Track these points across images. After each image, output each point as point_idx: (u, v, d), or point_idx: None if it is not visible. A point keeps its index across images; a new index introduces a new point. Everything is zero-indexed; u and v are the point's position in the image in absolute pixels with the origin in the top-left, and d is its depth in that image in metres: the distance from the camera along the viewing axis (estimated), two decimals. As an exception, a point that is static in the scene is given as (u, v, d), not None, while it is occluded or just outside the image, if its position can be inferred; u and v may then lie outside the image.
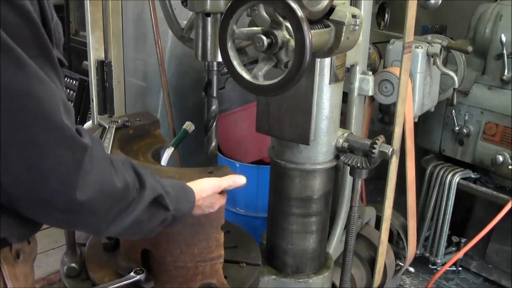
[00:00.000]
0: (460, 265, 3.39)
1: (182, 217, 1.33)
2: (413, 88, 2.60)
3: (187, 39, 2.00)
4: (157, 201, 1.22)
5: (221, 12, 1.59)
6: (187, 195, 1.36)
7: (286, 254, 2.12)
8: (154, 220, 1.24)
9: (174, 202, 1.26)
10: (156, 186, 1.21)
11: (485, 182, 3.16)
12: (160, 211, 1.23)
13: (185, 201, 1.34)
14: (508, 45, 2.88)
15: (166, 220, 1.27)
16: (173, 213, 1.26)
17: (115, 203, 1.11)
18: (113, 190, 1.09)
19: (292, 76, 1.36)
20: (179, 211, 1.29)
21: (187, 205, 1.34)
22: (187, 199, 1.35)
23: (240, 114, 2.85)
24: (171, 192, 1.26)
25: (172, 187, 1.29)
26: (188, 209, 1.35)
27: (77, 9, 4.53)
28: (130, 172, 1.16)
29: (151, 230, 1.26)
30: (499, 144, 2.95)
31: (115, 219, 1.13)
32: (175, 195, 1.27)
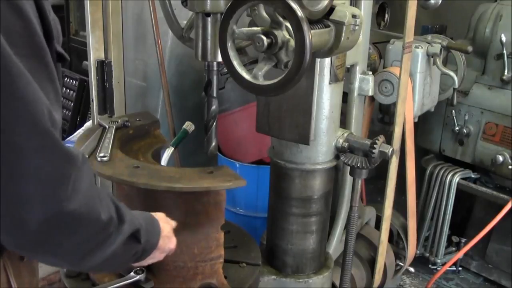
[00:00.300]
0: (460, 265, 3.39)
1: (150, 249, 1.30)
2: (413, 88, 2.60)
3: (187, 39, 2.00)
4: (134, 236, 1.18)
5: (221, 12, 1.59)
6: (154, 226, 1.32)
7: (286, 254, 2.12)
8: (128, 254, 1.20)
9: (145, 235, 1.23)
10: (133, 220, 1.18)
11: (485, 182, 3.16)
12: (134, 245, 1.20)
13: (152, 233, 1.30)
14: (508, 45, 2.88)
15: (137, 253, 1.23)
16: (143, 245, 1.23)
17: (94, 234, 1.05)
18: (97, 219, 1.03)
19: (292, 76, 1.36)
20: (148, 243, 1.26)
21: (155, 236, 1.31)
22: (154, 230, 1.32)
23: (240, 114, 2.84)
24: (143, 224, 1.23)
25: (142, 218, 1.26)
26: (156, 241, 1.32)
27: (77, 9, 4.53)
28: (111, 204, 1.11)
29: (123, 264, 1.24)
30: (499, 144, 2.95)
31: (92, 252, 1.07)
32: (146, 227, 1.24)
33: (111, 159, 1.58)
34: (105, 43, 2.66)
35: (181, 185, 1.46)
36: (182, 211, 1.56)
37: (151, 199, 1.56)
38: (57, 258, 1.06)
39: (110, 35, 2.63)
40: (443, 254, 3.29)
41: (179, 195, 1.53)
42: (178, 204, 1.55)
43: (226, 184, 1.49)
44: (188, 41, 2.00)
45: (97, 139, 1.70)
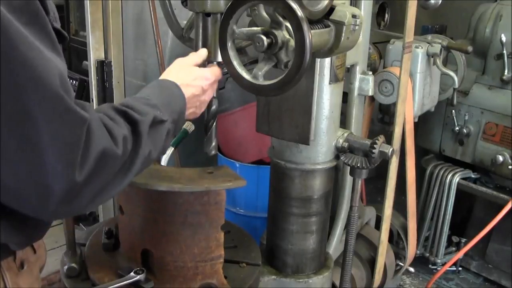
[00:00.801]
0: (460, 265, 3.39)
1: (180, 117, 1.28)
2: (413, 88, 2.60)
3: (187, 39, 2.00)
4: (154, 124, 1.15)
5: (221, 12, 1.59)
6: (170, 93, 1.30)
7: (286, 254, 2.12)
8: (159, 140, 1.18)
9: (167, 110, 1.21)
10: (146, 111, 1.14)
11: (485, 182, 3.16)
12: (159, 129, 1.18)
13: (174, 101, 1.28)
14: (508, 45, 2.88)
15: (169, 132, 1.22)
16: (170, 119, 1.22)
17: (118, 166, 1.04)
18: (115, 158, 1.01)
19: (292, 76, 1.36)
20: (175, 113, 1.25)
21: (178, 104, 1.29)
22: (176, 98, 1.30)
23: (240, 114, 2.85)
24: (158, 103, 1.20)
25: (157, 96, 1.23)
26: (182, 105, 1.30)
27: (77, 9, 4.52)
28: (119, 120, 1.07)
29: (161, 151, 1.21)
30: (499, 144, 2.95)
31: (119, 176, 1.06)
32: (162, 103, 1.22)
33: (111, 159, 1.57)
34: (105, 43, 2.66)
35: (181, 185, 1.46)
36: (182, 211, 1.56)
37: (151, 199, 1.56)
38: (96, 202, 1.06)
39: (110, 35, 2.63)
40: (443, 254, 3.29)
41: (179, 195, 1.53)
42: (178, 204, 1.55)
43: (226, 184, 1.49)
44: (188, 41, 2.00)
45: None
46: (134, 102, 1.17)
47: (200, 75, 1.46)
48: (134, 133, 1.09)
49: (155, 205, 1.56)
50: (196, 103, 1.43)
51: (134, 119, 1.10)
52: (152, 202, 1.56)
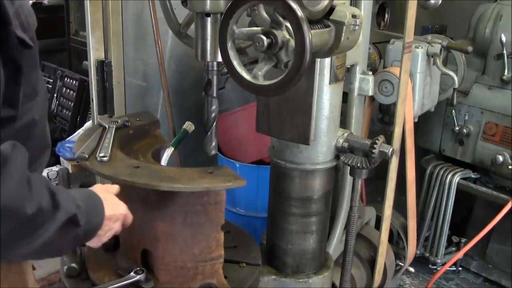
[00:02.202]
0: (460, 265, 3.39)
1: (95, 229, 1.29)
2: (413, 88, 2.60)
3: (184, 35, 1.99)
4: (70, 221, 1.17)
5: (221, 12, 1.59)
6: (95, 203, 1.31)
7: (286, 254, 2.12)
8: (66, 239, 1.20)
9: (84, 216, 1.22)
10: (69, 205, 1.17)
11: (485, 182, 3.16)
12: (72, 230, 1.19)
13: (94, 212, 1.29)
14: (508, 45, 2.88)
15: (77, 237, 1.23)
16: (84, 228, 1.22)
17: (18, 227, 1.05)
18: (20, 214, 1.04)
19: (292, 76, 1.36)
20: (90, 224, 1.26)
21: (98, 215, 1.30)
22: (96, 208, 1.30)
23: (240, 114, 2.85)
24: (82, 205, 1.22)
25: (82, 199, 1.24)
26: (100, 219, 1.31)
27: (77, 9, 4.54)
28: (45, 193, 1.10)
29: (62, 249, 1.23)
30: (499, 144, 2.95)
31: (19, 242, 1.08)
32: (85, 208, 1.23)
33: (111, 159, 1.58)
34: (105, 43, 2.66)
35: (181, 185, 1.46)
36: (182, 211, 1.56)
37: (151, 199, 1.56)
38: None
39: (110, 35, 2.63)
40: (443, 254, 3.29)
41: (179, 195, 1.53)
42: (178, 204, 1.55)
43: (226, 184, 1.49)
44: (185, 38, 1.99)
45: (97, 139, 1.70)
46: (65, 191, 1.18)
47: (121, 206, 1.43)
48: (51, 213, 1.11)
49: (155, 205, 1.56)
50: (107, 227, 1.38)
51: (57, 202, 1.12)
52: (152, 202, 1.56)
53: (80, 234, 1.22)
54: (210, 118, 1.78)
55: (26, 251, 1.11)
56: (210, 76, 1.77)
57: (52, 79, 4.47)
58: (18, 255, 1.15)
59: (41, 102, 1.36)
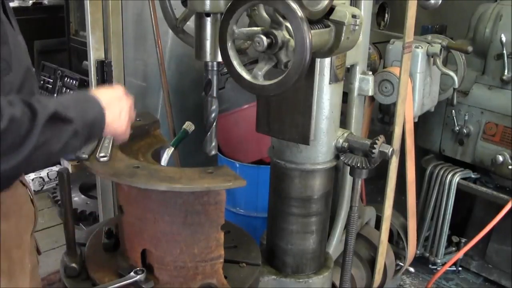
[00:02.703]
0: (460, 265, 3.39)
1: (96, 123, 1.33)
2: (413, 88, 2.60)
3: (180, 30, 1.98)
4: (55, 118, 1.20)
5: (221, 12, 1.59)
6: (87, 100, 1.34)
7: (286, 254, 2.12)
8: (62, 136, 1.23)
9: (76, 112, 1.25)
10: (48, 105, 1.20)
11: (485, 182, 3.16)
12: (63, 126, 1.23)
13: (88, 107, 1.32)
14: (508, 45, 2.88)
15: (78, 133, 1.26)
16: (80, 122, 1.25)
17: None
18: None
19: (292, 76, 1.36)
20: (86, 118, 1.29)
21: (93, 109, 1.33)
22: (89, 104, 1.33)
23: (240, 114, 2.85)
24: (70, 104, 1.26)
25: (68, 99, 1.29)
26: (98, 113, 1.33)
27: (77, 9, 4.53)
28: (18, 106, 1.15)
29: (65, 147, 1.25)
30: (499, 144, 2.95)
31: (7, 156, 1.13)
32: (74, 105, 1.27)
33: (111, 159, 1.58)
34: (105, 43, 2.66)
35: (181, 185, 1.45)
36: (182, 211, 1.55)
37: (151, 199, 1.56)
38: None
39: (110, 35, 2.63)
40: (443, 254, 3.29)
41: (179, 195, 1.53)
42: (178, 204, 1.55)
43: (226, 184, 1.49)
44: (181, 33, 1.98)
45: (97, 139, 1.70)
46: (44, 98, 1.23)
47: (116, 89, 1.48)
48: (30, 120, 1.15)
49: (155, 205, 1.56)
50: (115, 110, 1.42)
51: (34, 108, 1.17)
52: (152, 202, 1.56)
53: (79, 131, 1.26)
54: (210, 118, 1.78)
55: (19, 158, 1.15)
56: (210, 76, 1.77)
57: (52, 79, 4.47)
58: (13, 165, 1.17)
59: (18, 76, 1.38)
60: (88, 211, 3.64)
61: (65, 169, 1.59)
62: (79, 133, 1.26)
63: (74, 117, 1.24)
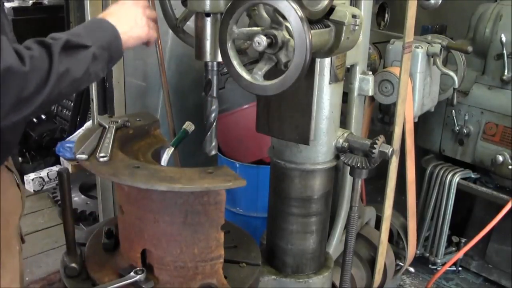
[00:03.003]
0: (460, 265, 3.39)
1: (111, 45, 1.38)
2: (413, 88, 2.60)
3: (180, 30, 1.98)
4: (69, 46, 1.26)
5: (221, 12, 1.59)
6: (98, 25, 1.40)
7: (286, 254, 2.12)
8: (82, 62, 1.29)
9: (90, 38, 1.31)
10: (60, 37, 1.26)
11: (485, 182, 3.16)
12: (80, 52, 1.29)
13: (103, 31, 1.38)
14: (508, 45, 2.88)
15: (97, 55, 1.32)
16: (96, 47, 1.32)
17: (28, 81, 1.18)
18: (21, 74, 1.16)
19: (292, 76, 1.36)
20: (101, 42, 1.34)
21: (105, 33, 1.38)
22: (102, 27, 1.39)
23: (240, 114, 2.85)
24: (81, 32, 1.32)
25: (81, 28, 1.36)
26: (111, 35, 1.38)
27: (77, 9, 4.53)
28: (34, 46, 1.22)
29: (87, 71, 1.31)
30: (499, 144, 2.96)
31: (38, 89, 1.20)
32: (86, 33, 1.33)
33: (111, 159, 1.57)
34: (105, 43, 2.65)
35: (181, 185, 1.45)
36: (182, 211, 1.55)
37: (151, 199, 1.56)
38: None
39: (110, 35, 2.63)
40: (443, 254, 3.29)
41: (179, 195, 1.53)
42: (178, 204, 1.55)
43: (226, 184, 1.49)
44: (181, 33, 1.98)
45: (97, 139, 1.70)
46: (56, 34, 1.30)
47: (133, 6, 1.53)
48: (47, 54, 1.23)
49: (155, 205, 1.56)
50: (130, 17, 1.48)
51: (47, 43, 1.24)
52: (152, 202, 1.56)
53: (98, 52, 1.32)
54: (210, 118, 1.78)
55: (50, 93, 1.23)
56: (210, 76, 1.76)
57: (52, 79, 4.46)
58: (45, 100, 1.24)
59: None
60: (88, 211, 3.64)
61: (65, 169, 1.59)
62: (98, 56, 1.32)
63: (88, 42, 1.30)
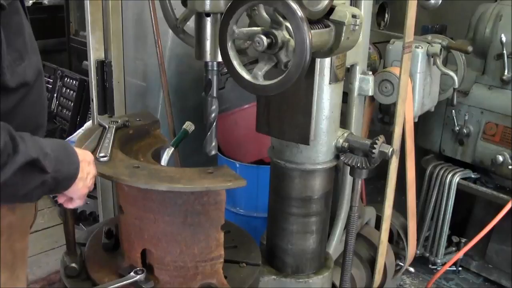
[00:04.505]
0: (460, 265, 3.39)
1: (65, 180, 1.30)
2: (413, 88, 2.60)
3: (181, 31, 1.98)
4: (32, 165, 1.19)
5: (221, 12, 1.59)
6: (69, 155, 1.32)
7: (286, 254, 2.12)
8: (31, 184, 1.21)
9: (53, 164, 1.24)
10: (31, 149, 1.18)
11: (485, 182, 3.16)
12: (36, 175, 1.21)
13: (67, 163, 1.30)
14: (508, 45, 2.88)
15: (46, 183, 1.24)
16: (53, 175, 1.24)
17: None
18: None
19: (292, 76, 1.36)
20: (60, 172, 1.27)
21: (69, 166, 1.31)
22: (69, 160, 1.31)
23: (240, 114, 2.84)
24: (50, 153, 1.24)
25: (52, 148, 1.26)
26: (72, 171, 1.32)
27: (77, 9, 4.54)
28: (4, 136, 1.13)
29: (28, 193, 1.24)
30: (499, 144, 2.95)
31: None
32: (55, 157, 1.25)
33: (111, 159, 1.58)
34: (105, 43, 2.66)
35: (181, 185, 1.46)
36: (182, 211, 1.56)
37: (151, 199, 1.56)
38: None
39: (110, 35, 2.63)
40: (443, 254, 3.29)
41: (179, 195, 1.53)
42: (178, 204, 1.55)
43: (226, 184, 1.49)
44: (181, 33, 1.98)
45: (97, 139, 1.70)
46: (31, 138, 1.21)
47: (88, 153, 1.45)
48: (8, 156, 1.13)
49: (155, 205, 1.56)
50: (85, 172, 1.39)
51: (17, 146, 1.15)
52: (152, 202, 1.56)
53: (49, 181, 1.24)
54: (210, 118, 1.78)
55: None
56: (210, 76, 1.77)
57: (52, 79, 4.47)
58: None
59: (32, 67, 1.37)
60: (88, 211, 3.64)
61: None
62: (46, 183, 1.24)
63: (49, 168, 1.22)
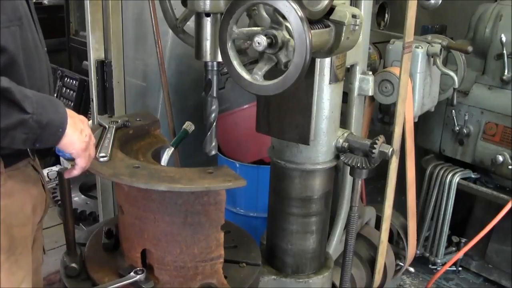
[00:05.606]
0: (460, 265, 3.39)
1: (51, 126, 1.27)
2: (413, 88, 2.60)
3: (181, 31, 1.98)
4: (7, 99, 1.17)
5: (221, 12, 1.59)
6: (53, 104, 1.29)
7: (286, 254, 2.12)
8: (7, 119, 1.19)
9: (34, 107, 1.21)
10: (4, 81, 1.17)
11: (485, 182, 3.16)
12: (13, 111, 1.19)
13: (51, 110, 1.27)
14: (508, 45, 2.88)
15: (26, 124, 1.21)
16: (35, 118, 1.21)
17: None
18: None
19: (292, 76, 1.36)
20: (43, 116, 1.24)
21: (55, 114, 1.28)
22: (54, 108, 1.29)
23: (240, 114, 2.84)
24: (31, 96, 1.22)
25: (35, 94, 1.25)
26: (58, 119, 1.29)
27: (77, 9, 4.53)
28: None
29: (9, 131, 1.21)
30: (499, 144, 2.95)
31: None
32: (37, 101, 1.23)
33: (111, 159, 1.58)
34: (105, 43, 2.66)
35: (181, 185, 1.46)
36: (182, 211, 1.56)
37: (151, 199, 1.56)
38: None
39: (110, 35, 2.63)
40: (443, 254, 3.29)
41: (179, 195, 1.53)
42: (178, 204, 1.55)
43: (226, 184, 1.49)
44: (181, 33, 1.98)
45: (97, 139, 1.70)
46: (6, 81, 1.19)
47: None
48: None
49: (155, 205, 1.56)
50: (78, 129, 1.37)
51: None
52: (152, 202, 1.56)
53: (30, 122, 1.22)
54: (210, 118, 1.78)
55: None
56: (210, 76, 1.77)
57: (52, 79, 4.46)
58: None
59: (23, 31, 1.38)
60: (88, 211, 3.64)
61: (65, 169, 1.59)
62: (28, 125, 1.22)
63: (28, 108, 1.20)
